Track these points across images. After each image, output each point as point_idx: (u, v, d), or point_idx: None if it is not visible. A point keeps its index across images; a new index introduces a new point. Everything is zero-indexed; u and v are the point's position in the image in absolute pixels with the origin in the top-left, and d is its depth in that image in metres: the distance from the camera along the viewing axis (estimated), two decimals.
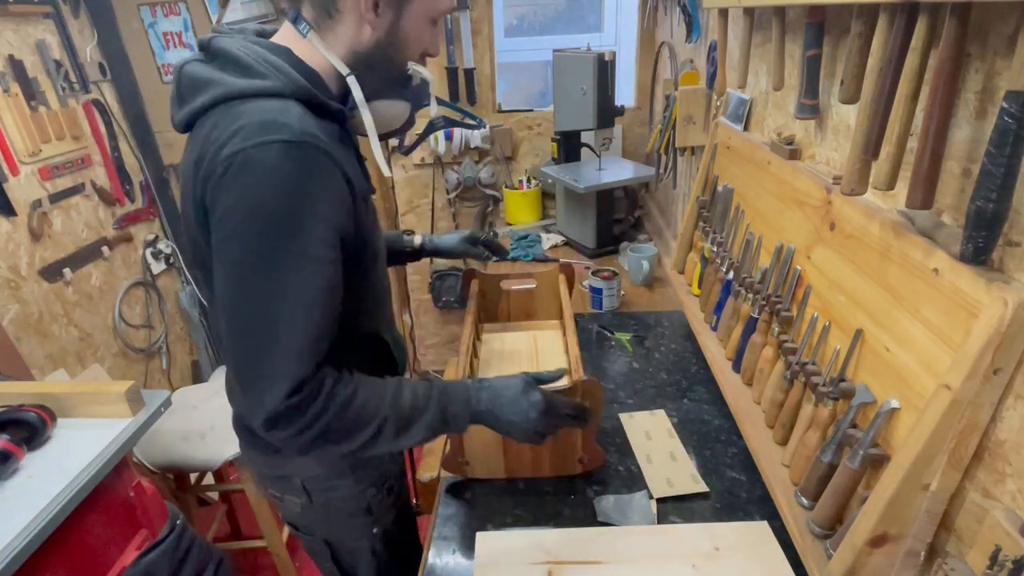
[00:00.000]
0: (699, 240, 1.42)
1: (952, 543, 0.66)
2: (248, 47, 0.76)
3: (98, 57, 2.32)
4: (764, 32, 1.15)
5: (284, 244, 0.69)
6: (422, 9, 0.79)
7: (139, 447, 1.64)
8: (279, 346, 0.71)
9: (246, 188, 0.68)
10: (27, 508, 0.95)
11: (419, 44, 0.83)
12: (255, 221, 0.69)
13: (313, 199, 0.71)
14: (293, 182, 0.69)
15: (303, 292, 0.71)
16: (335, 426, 0.74)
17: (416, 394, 0.81)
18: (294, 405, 0.71)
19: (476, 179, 2.50)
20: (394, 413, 0.78)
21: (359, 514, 1.01)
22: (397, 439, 0.79)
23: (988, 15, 0.60)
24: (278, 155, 0.68)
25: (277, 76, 0.74)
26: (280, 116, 0.70)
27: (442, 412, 0.81)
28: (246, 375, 0.73)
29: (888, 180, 0.68)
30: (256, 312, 0.71)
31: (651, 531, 0.93)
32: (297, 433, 0.73)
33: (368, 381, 0.79)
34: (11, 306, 1.92)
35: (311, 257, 0.71)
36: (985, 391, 0.57)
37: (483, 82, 2.42)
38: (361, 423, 0.76)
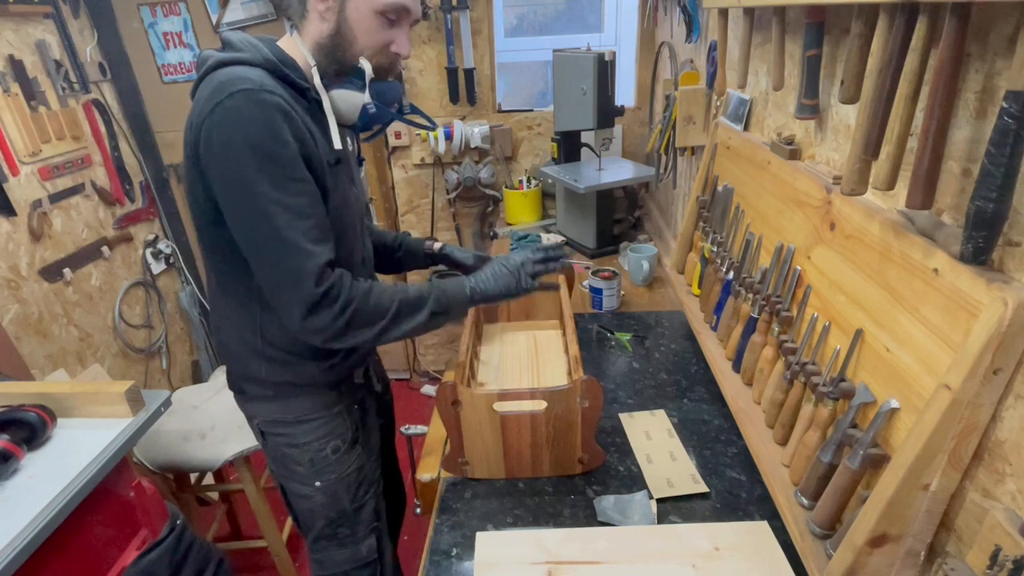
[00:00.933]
0: (699, 240, 1.42)
1: (952, 543, 0.66)
2: (241, 35, 0.94)
3: (98, 57, 2.32)
4: (764, 32, 1.15)
5: (266, 169, 0.85)
6: (364, 1, 0.90)
7: (139, 447, 1.64)
8: (293, 252, 0.87)
9: (229, 130, 0.84)
10: (27, 508, 0.95)
11: (369, 36, 0.94)
12: (236, 155, 0.85)
13: (279, 131, 0.86)
14: (258, 119, 0.85)
15: (293, 205, 0.87)
16: (361, 312, 0.92)
17: (420, 288, 1.00)
18: (325, 291, 0.89)
19: (476, 179, 2.50)
20: (404, 299, 0.97)
21: (302, 462, 1.13)
22: (412, 318, 0.97)
23: (988, 15, 0.60)
24: (243, 100, 0.84)
25: (250, 50, 0.92)
26: (244, 74, 0.87)
27: (441, 297, 0.99)
28: (280, 282, 0.90)
29: (888, 180, 0.68)
30: (265, 230, 0.87)
31: (651, 531, 0.93)
32: (332, 319, 0.90)
33: (376, 281, 0.99)
34: (11, 306, 1.92)
35: (289, 176, 0.87)
36: (985, 391, 0.57)
37: (483, 82, 2.42)
38: (381, 309, 0.94)
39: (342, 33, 0.93)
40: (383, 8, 0.92)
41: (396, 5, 0.92)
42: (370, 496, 1.21)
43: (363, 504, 1.20)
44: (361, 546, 1.22)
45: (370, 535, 1.22)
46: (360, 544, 1.22)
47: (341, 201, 1.00)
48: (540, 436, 1.01)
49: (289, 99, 0.89)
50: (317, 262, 0.88)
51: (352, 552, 1.22)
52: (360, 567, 1.23)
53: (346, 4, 0.91)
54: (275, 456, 1.15)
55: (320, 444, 1.12)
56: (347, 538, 1.21)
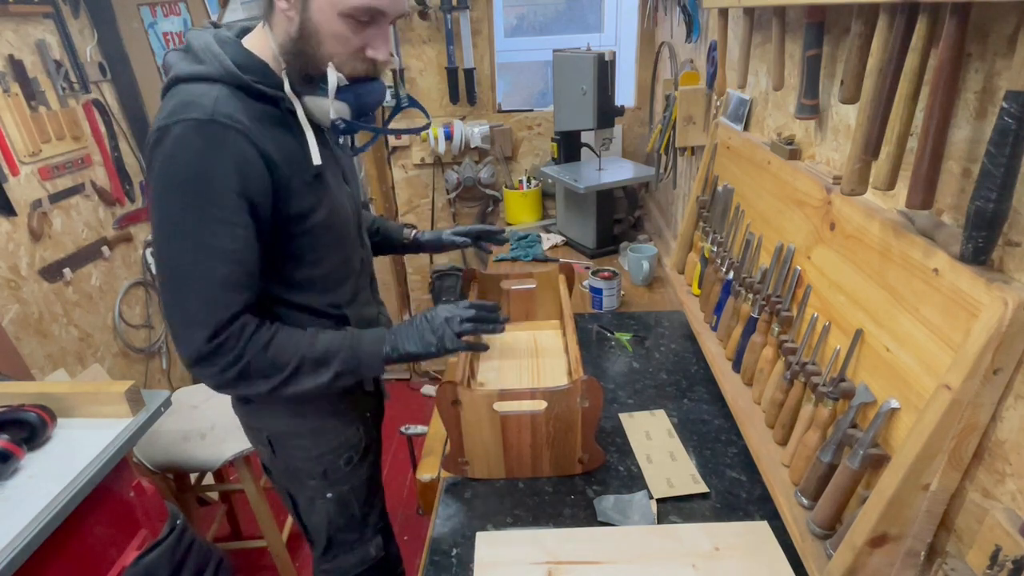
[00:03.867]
0: (699, 240, 1.42)
1: (952, 543, 0.66)
2: (202, 39, 0.87)
3: (98, 57, 2.32)
4: (764, 32, 1.15)
5: (193, 207, 0.81)
6: (326, 1, 0.80)
7: (139, 447, 1.64)
8: (195, 297, 0.83)
9: (162, 158, 0.80)
10: (27, 508, 0.95)
11: (337, 41, 0.84)
12: (168, 187, 0.81)
13: (219, 168, 0.81)
14: (200, 154, 0.80)
15: (212, 249, 0.82)
16: (255, 365, 0.87)
17: (332, 339, 0.94)
18: (215, 347, 0.84)
19: (476, 179, 2.50)
20: (310, 354, 0.91)
21: (315, 475, 1.10)
22: (315, 376, 0.91)
23: (988, 15, 0.60)
24: (188, 130, 0.79)
25: (212, 63, 0.84)
26: (199, 98, 0.81)
27: (354, 353, 0.94)
28: (174, 322, 0.85)
29: (888, 180, 0.68)
30: (175, 268, 0.84)
31: (651, 531, 0.93)
32: (220, 371, 0.86)
33: (288, 329, 0.92)
34: (11, 306, 1.92)
35: (218, 219, 0.82)
36: (985, 391, 0.57)
37: (483, 82, 2.42)
38: (279, 363, 0.89)
39: (306, 37, 0.83)
40: (349, 11, 0.81)
41: (363, 7, 0.81)
42: (378, 499, 1.22)
43: (372, 508, 1.21)
44: (369, 547, 1.21)
45: (376, 535, 1.23)
46: (368, 545, 1.21)
47: (328, 213, 0.95)
48: (540, 436, 1.01)
49: (251, 119, 0.83)
50: (219, 315, 0.83)
51: (361, 555, 1.21)
52: (369, 569, 1.22)
53: (308, 4, 0.81)
54: (285, 468, 1.11)
55: (334, 456, 1.10)
56: (356, 543, 1.20)
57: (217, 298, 0.84)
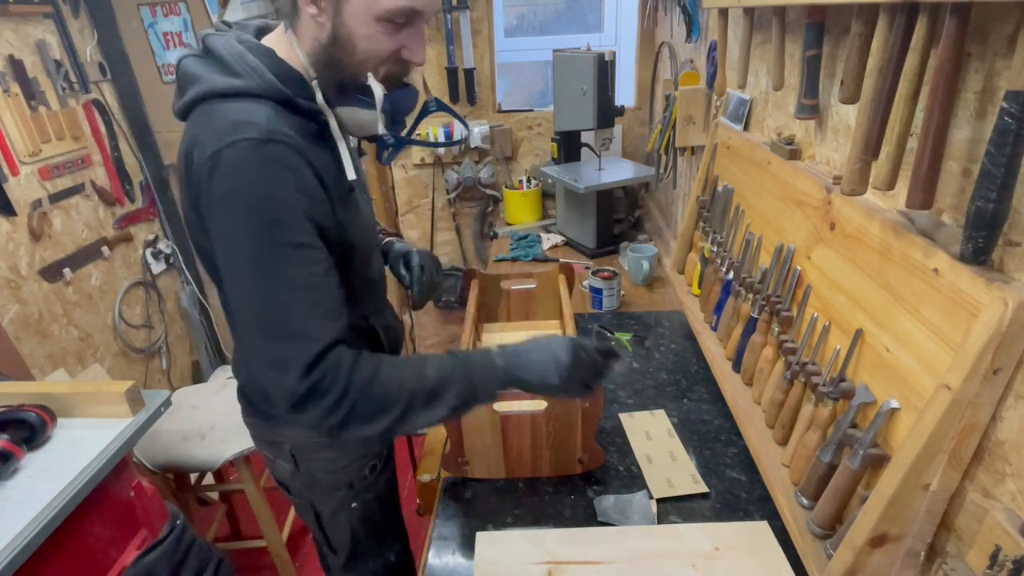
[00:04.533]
0: (699, 240, 1.42)
1: (952, 543, 0.66)
2: (232, 47, 0.79)
3: (98, 57, 2.32)
4: (764, 32, 1.15)
5: (264, 235, 0.73)
6: (362, 4, 0.75)
7: (139, 447, 1.64)
8: (284, 332, 0.74)
9: (227, 186, 0.72)
10: (27, 508, 0.95)
11: (372, 45, 0.78)
12: (234, 217, 0.73)
13: (286, 190, 0.74)
14: (264, 177, 0.73)
15: (290, 279, 0.74)
16: (362, 404, 0.76)
17: (441, 367, 0.81)
18: (314, 385, 0.73)
19: (476, 179, 2.50)
20: (421, 386, 0.78)
21: (341, 487, 1.07)
22: (429, 411, 0.79)
23: (988, 15, 0.60)
24: (247, 152, 0.72)
25: (252, 76, 0.77)
26: (250, 116, 0.74)
27: (468, 382, 0.81)
28: (260, 368, 0.76)
29: (888, 180, 0.68)
30: (258, 305, 0.75)
31: (651, 531, 0.93)
32: (324, 415, 0.75)
33: (389, 358, 0.81)
34: (11, 306, 1.92)
35: (295, 244, 0.75)
36: (985, 391, 0.57)
37: (483, 82, 2.42)
38: (389, 399, 0.77)
39: (339, 43, 0.78)
40: (386, 14, 0.75)
41: (401, 8, 0.75)
42: (397, 505, 1.22)
43: (393, 512, 1.20)
44: (389, 553, 1.21)
45: (396, 542, 1.23)
46: (388, 551, 1.20)
47: (359, 228, 0.91)
48: (540, 436, 1.01)
49: (297, 136, 0.76)
50: (310, 350, 0.73)
51: (383, 562, 1.19)
52: (391, 572, 1.22)
53: (342, 8, 0.75)
54: (309, 481, 1.06)
55: (359, 465, 1.07)
56: (378, 549, 1.19)
57: (303, 332, 0.74)
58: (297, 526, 2.13)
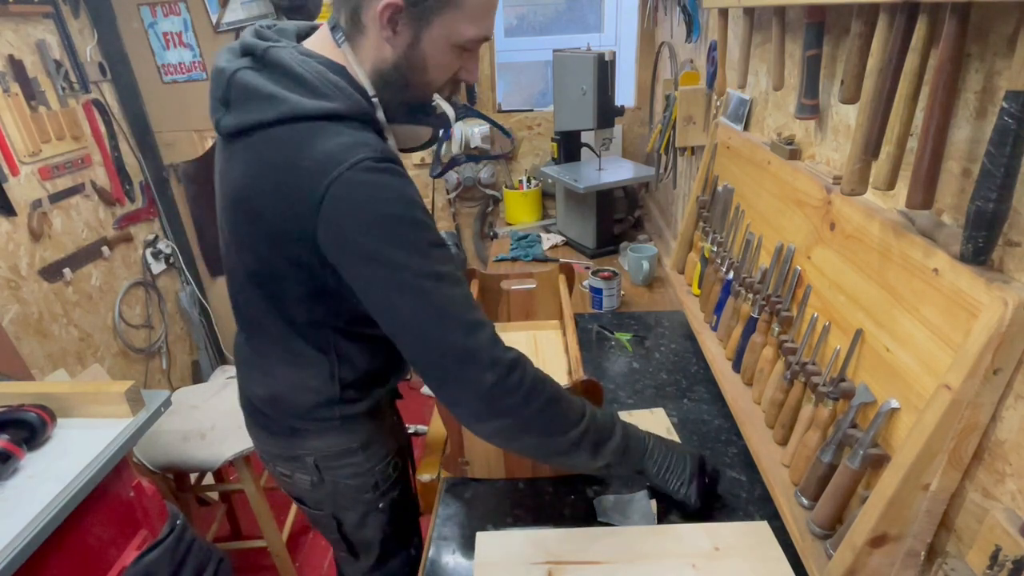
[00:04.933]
0: (699, 240, 1.42)
1: (952, 543, 0.66)
2: (307, 63, 0.77)
3: (98, 57, 2.32)
4: (764, 32, 1.15)
5: (417, 242, 0.73)
6: (442, 34, 0.76)
7: (139, 447, 1.64)
8: (465, 324, 0.74)
9: (359, 208, 0.71)
10: (27, 508, 0.95)
11: (443, 70, 0.81)
12: (383, 234, 0.72)
13: (414, 198, 0.75)
14: (394, 189, 0.73)
15: (447, 271, 0.75)
16: (544, 416, 0.77)
17: (605, 416, 0.86)
18: (508, 383, 0.74)
19: (476, 179, 2.50)
20: (593, 426, 0.81)
21: (367, 489, 1.05)
22: (593, 454, 0.82)
23: (988, 15, 0.60)
24: (371, 172, 0.71)
25: (340, 97, 0.76)
26: (356, 139, 0.73)
27: (624, 441, 0.86)
28: (455, 363, 0.74)
29: (888, 180, 0.68)
30: (433, 306, 0.73)
31: (651, 531, 0.93)
32: (523, 405, 0.75)
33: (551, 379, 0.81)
34: (11, 306, 1.92)
35: (438, 243, 0.76)
36: (985, 391, 0.57)
37: (483, 82, 2.42)
38: (568, 423, 0.79)
39: (412, 66, 0.79)
40: (467, 43, 0.78)
41: (478, 39, 0.79)
42: (414, 495, 1.22)
43: (411, 506, 1.20)
44: (411, 547, 1.20)
45: (416, 535, 1.22)
46: (410, 546, 1.20)
47: None
48: None
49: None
50: (486, 333, 0.74)
51: (405, 556, 1.19)
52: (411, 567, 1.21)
53: (421, 36, 0.76)
54: (332, 491, 1.04)
55: (383, 465, 1.06)
56: (403, 543, 1.19)
57: (477, 320, 0.75)
58: (297, 526, 2.13)
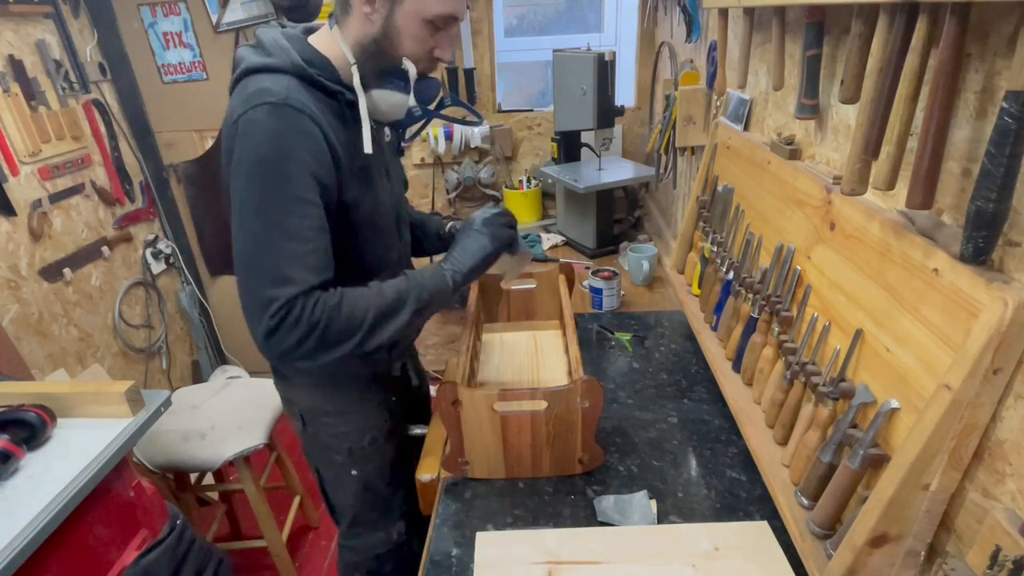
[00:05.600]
0: (699, 240, 1.42)
1: (952, 543, 0.66)
2: (271, 34, 0.93)
3: (98, 57, 2.32)
4: (764, 32, 1.15)
5: (273, 186, 0.85)
6: (413, 8, 0.89)
7: (139, 447, 1.64)
8: (272, 274, 0.85)
9: (245, 142, 0.85)
10: (27, 508, 0.95)
11: (416, 42, 0.92)
12: (250, 169, 0.85)
13: (295, 149, 0.86)
14: (276, 134, 0.85)
15: (291, 227, 0.86)
16: (332, 329, 0.88)
17: (397, 284, 0.96)
18: (282, 322, 0.85)
19: (476, 179, 2.50)
20: (382, 303, 0.92)
21: (341, 451, 1.16)
22: (395, 320, 0.93)
23: (988, 15, 0.60)
24: (265, 114, 0.85)
25: (280, 55, 0.91)
26: (272, 85, 0.87)
27: (422, 289, 0.96)
28: (248, 297, 0.87)
29: (888, 180, 0.68)
30: (253, 245, 0.86)
31: (651, 531, 0.93)
32: (297, 344, 0.86)
33: (351, 288, 0.93)
34: (11, 306, 1.92)
35: (295, 198, 0.86)
36: (985, 391, 0.57)
37: (483, 82, 2.42)
38: (355, 319, 0.90)
39: (388, 37, 0.92)
40: (433, 17, 0.90)
41: (445, 15, 0.91)
42: (403, 485, 1.25)
43: (397, 489, 1.25)
44: (392, 529, 1.26)
45: (401, 519, 1.27)
46: (392, 527, 1.26)
47: (372, 206, 1.01)
48: (540, 436, 1.01)
49: (316, 108, 0.89)
50: (289, 291, 0.85)
51: (384, 536, 1.26)
52: (391, 550, 1.27)
53: (395, 10, 0.89)
54: (314, 444, 1.18)
55: (358, 435, 1.16)
56: (379, 521, 1.25)
57: (288, 276, 0.85)
58: (297, 526, 2.13)
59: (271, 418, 1.78)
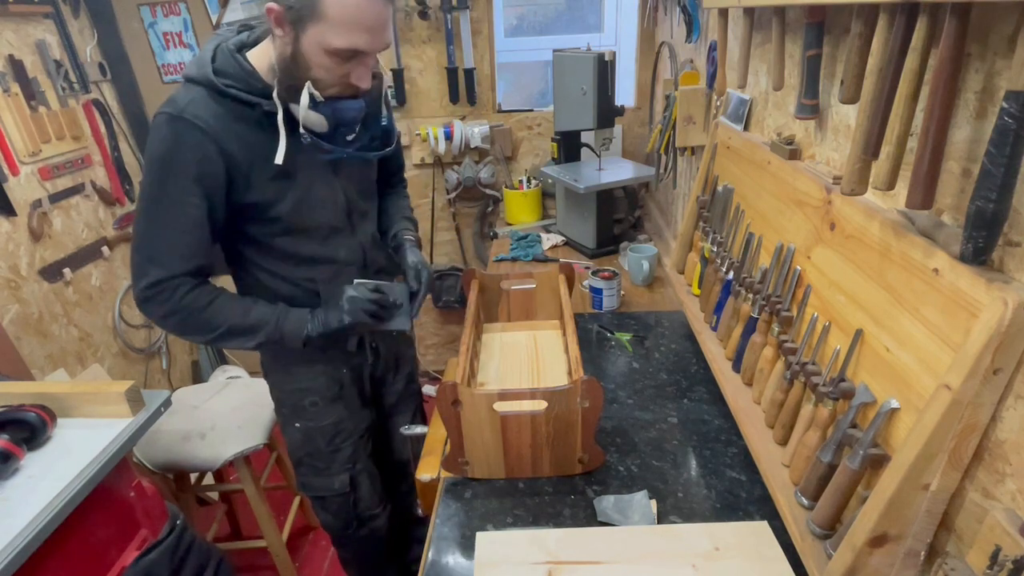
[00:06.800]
0: (699, 240, 1.42)
1: (952, 543, 0.66)
2: (208, 46, 1.05)
3: (98, 57, 2.32)
4: (764, 32, 1.15)
5: (158, 182, 1.01)
6: (316, 40, 0.95)
7: (139, 447, 1.64)
8: (144, 252, 1.04)
9: (148, 142, 1.02)
10: (27, 508, 0.95)
11: (323, 70, 0.99)
12: (148, 166, 1.02)
13: (178, 158, 1.00)
14: (167, 141, 0.99)
15: (169, 220, 1.03)
16: (190, 322, 1.08)
17: (263, 313, 1.13)
18: (152, 296, 1.05)
19: (476, 179, 2.50)
20: (240, 323, 1.11)
21: (285, 406, 1.33)
22: (242, 340, 1.13)
23: (988, 15, 0.60)
24: (163, 122, 1.00)
25: (198, 68, 1.02)
26: (179, 97, 1.01)
27: (277, 328, 1.14)
28: (132, 266, 1.06)
29: (888, 180, 0.68)
30: (141, 231, 1.04)
31: (651, 531, 0.93)
32: (160, 319, 1.08)
33: (229, 296, 1.12)
34: (11, 306, 1.92)
35: (170, 196, 1.01)
36: (985, 391, 0.57)
37: (483, 82, 2.42)
38: (211, 324, 1.09)
39: (297, 62, 0.98)
40: (333, 51, 0.96)
41: (345, 49, 0.96)
42: (347, 444, 1.36)
43: (338, 449, 1.36)
44: (334, 479, 1.38)
45: (343, 473, 1.38)
46: (334, 478, 1.38)
47: (294, 205, 1.11)
48: (540, 436, 1.01)
49: (219, 120, 1.00)
50: (158, 273, 1.03)
51: (327, 481, 1.38)
52: (335, 496, 1.40)
53: (300, 38, 0.95)
54: (271, 391, 1.35)
55: (299, 395, 1.30)
56: (323, 470, 1.37)
57: (160, 258, 1.03)
58: (297, 526, 2.13)
59: (271, 418, 1.77)
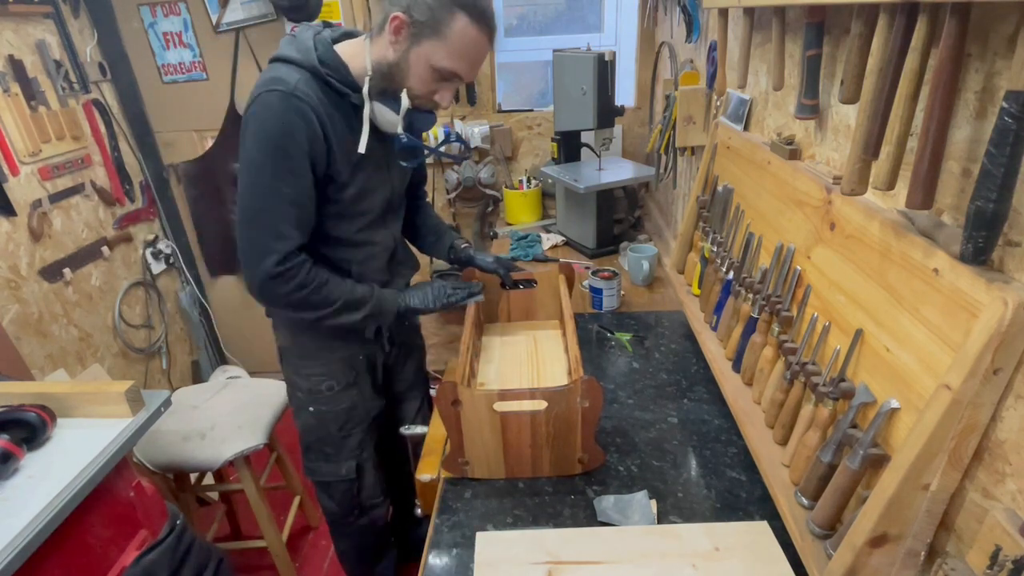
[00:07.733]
0: (699, 240, 1.42)
1: (952, 543, 0.66)
2: (306, 34, 1.10)
3: (98, 57, 2.32)
4: (764, 32, 1.15)
5: (272, 157, 1.04)
6: (427, 53, 1.04)
7: (139, 447, 1.64)
8: (268, 229, 1.08)
9: (255, 120, 1.05)
10: (27, 508, 0.94)
11: (420, 82, 1.07)
12: (256, 142, 1.05)
13: (294, 131, 1.04)
14: (282, 117, 1.03)
15: (283, 193, 1.07)
16: (313, 296, 1.14)
17: (364, 290, 1.22)
18: (283, 272, 1.09)
19: (476, 179, 2.50)
20: (351, 297, 1.19)
21: (301, 389, 1.36)
22: (350, 315, 1.20)
23: (988, 15, 0.60)
24: (275, 99, 1.03)
25: (303, 54, 1.08)
26: (286, 76, 1.05)
27: (378, 302, 1.23)
28: (248, 245, 1.09)
29: (888, 180, 0.68)
30: (253, 204, 1.08)
31: (651, 531, 0.93)
32: (287, 293, 1.11)
33: (333, 275, 1.18)
34: (11, 306, 1.92)
35: (288, 168, 1.06)
36: (985, 391, 0.57)
37: (483, 82, 2.42)
38: (330, 298, 1.16)
39: (400, 69, 1.06)
40: (439, 68, 1.04)
41: (450, 70, 1.05)
42: (357, 431, 1.40)
43: (348, 435, 1.39)
44: (342, 466, 1.41)
45: (351, 460, 1.41)
46: (341, 464, 1.41)
47: (359, 190, 1.17)
48: (540, 436, 1.01)
49: (320, 103, 1.06)
50: (286, 246, 1.08)
51: (334, 468, 1.41)
52: (341, 481, 1.43)
53: (411, 49, 1.04)
54: (286, 376, 1.38)
55: (316, 380, 1.33)
56: (332, 456, 1.40)
57: (285, 232, 1.08)
58: (297, 526, 2.13)
59: (271, 418, 1.78)
